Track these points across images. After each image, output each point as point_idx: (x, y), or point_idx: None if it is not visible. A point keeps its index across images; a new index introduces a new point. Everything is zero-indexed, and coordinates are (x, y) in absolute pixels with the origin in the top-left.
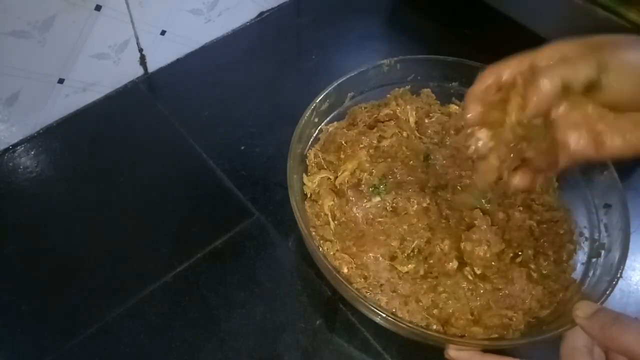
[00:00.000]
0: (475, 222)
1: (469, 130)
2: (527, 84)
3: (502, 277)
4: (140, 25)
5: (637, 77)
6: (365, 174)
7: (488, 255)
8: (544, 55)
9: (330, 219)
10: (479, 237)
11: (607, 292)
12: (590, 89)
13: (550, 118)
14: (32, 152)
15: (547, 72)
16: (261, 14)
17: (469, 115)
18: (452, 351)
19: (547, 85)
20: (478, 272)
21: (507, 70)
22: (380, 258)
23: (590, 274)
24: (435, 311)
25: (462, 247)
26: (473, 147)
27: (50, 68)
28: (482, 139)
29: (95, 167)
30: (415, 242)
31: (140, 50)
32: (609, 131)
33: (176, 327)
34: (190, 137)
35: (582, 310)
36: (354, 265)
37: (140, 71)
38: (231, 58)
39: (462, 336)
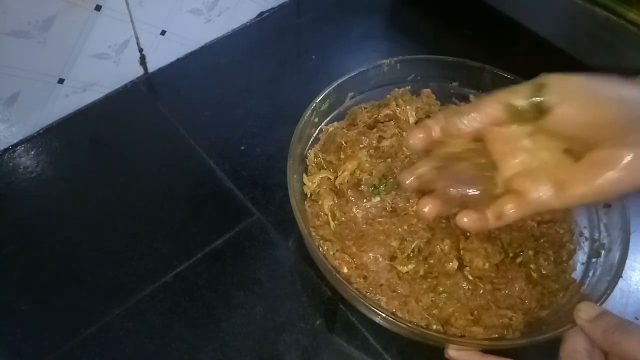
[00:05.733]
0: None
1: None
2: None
3: (502, 277)
4: (140, 25)
5: (579, 93)
6: (365, 174)
7: (487, 266)
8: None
9: (330, 219)
10: (477, 247)
11: (607, 292)
12: (539, 112)
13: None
14: (32, 152)
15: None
16: (261, 14)
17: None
18: (452, 351)
19: (486, 103)
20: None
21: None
22: (380, 258)
23: (590, 274)
24: (435, 311)
25: (462, 254)
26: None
27: (50, 68)
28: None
29: (95, 167)
30: (415, 242)
31: (140, 50)
32: (570, 178)
33: (176, 327)
34: (190, 137)
35: (584, 312)
36: (354, 265)
37: (140, 71)
38: (231, 58)
39: (462, 336)
